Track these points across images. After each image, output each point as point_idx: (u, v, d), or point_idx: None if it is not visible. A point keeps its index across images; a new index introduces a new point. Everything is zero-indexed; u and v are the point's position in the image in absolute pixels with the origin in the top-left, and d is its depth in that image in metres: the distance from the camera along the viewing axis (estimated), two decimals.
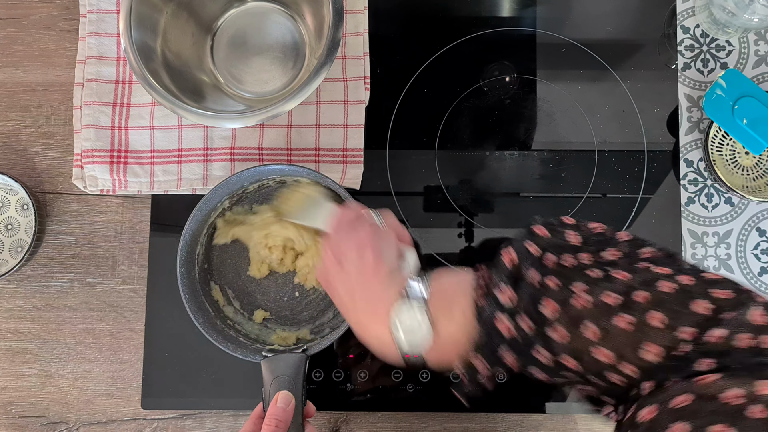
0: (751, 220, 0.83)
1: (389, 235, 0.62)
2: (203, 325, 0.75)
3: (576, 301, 0.47)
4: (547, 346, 0.48)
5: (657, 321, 0.45)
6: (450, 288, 0.54)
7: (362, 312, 0.56)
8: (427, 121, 0.86)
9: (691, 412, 0.41)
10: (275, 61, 0.86)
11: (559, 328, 0.47)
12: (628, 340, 0.45)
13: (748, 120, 0.77)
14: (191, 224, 0.77)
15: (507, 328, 0.49)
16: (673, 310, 0.45)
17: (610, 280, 0.47)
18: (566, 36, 0.86)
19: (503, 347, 0.50)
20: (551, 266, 0.50)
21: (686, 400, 0.42)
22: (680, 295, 0.45)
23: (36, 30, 0.89)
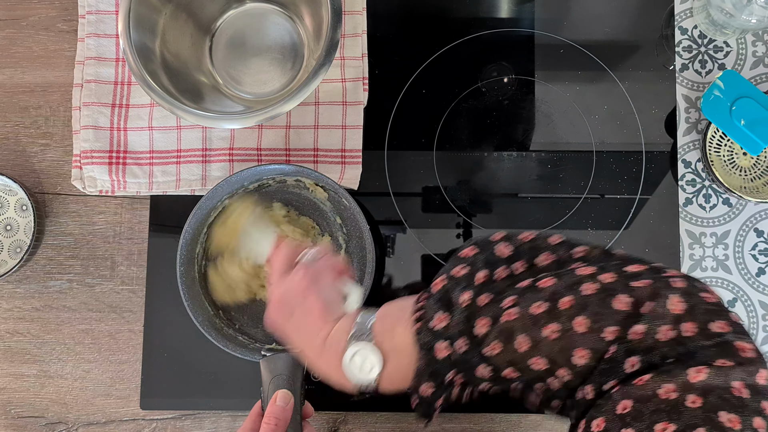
0: (749, 221, 0.83)
1: (327, 275, 0.62)
2: (202, 324, 0.76)
3: (506, 315, 0.48)
4: (486, 362, 0.49)
5: (581, 326, 0.45)
6: (392, 319, 0.55)
7: (315, 357, 0.58)
8: (425, 122, 0.86)
9: (634, 416, 0.42)
10: (274, 62, 0.86)
11: (492, 343, 0.48)
12: (557, 347, 0.46)
13: (746, 121, 0.77)
14: (191, 223, 0.77)
15: (444, 350, 0.50)
16: (595, 312, 0.46)
17: (536, 290, 0.48)
18: (564, 37, 0.86)
19: (446, 370, 0.51)
20: (481, 282, 0.51)
21: (627, 405, 0.43)
22: (602, 295, 0.46)
23: (35, 31, 0.89)
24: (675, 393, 0.42)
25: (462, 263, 0.53)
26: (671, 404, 0.41)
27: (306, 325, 0.59)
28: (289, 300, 0.61)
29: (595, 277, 0.47)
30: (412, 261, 0.84)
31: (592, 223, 0.84)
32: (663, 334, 0.44)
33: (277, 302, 0.62)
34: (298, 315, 0.60)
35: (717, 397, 0.41)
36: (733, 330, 0.44)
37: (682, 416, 0.41)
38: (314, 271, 0.62)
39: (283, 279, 0.63)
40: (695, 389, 0.41)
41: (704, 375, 0.42)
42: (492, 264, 0.52)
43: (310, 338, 0.58)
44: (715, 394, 0.41)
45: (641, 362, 0.44)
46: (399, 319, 0.54)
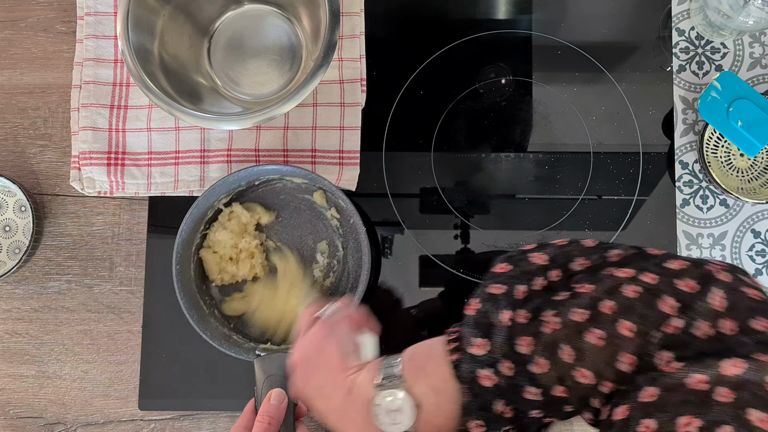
0: (746, 222, 0.83)
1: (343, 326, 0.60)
2: (197, 323, 0.76)
3: (547, 328, 0.46)
4: (534, 382, 0.46)
5: (626, 330, 0.43)
6: (422, 357, 0.51)
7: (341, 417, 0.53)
8: (423, 123, 0.86)
9: (659, 405, 0.40)
10: (272, 63, 0.86)
11: (538, 360, 0.45)
12: (602, 355, 0.44)
13: (743, 122, 0.77)
14: (188, 222, 0.77)
15: (488, 378, 0.47)
16: (640, 314, 0.44)
17: (576, 297, 0.46)
18: (562, 38, 0.87)
19: (494, 399, 0.48)
20: (521, 297, 0.49)
21: (654, 393, 0.41)
22: (646, 297, 0.44)
23: (34, 32, 0.89)
24: (706, 384, 0.39)
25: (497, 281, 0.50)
26: (699, 396, 0.39)
27: (326, 382, 0.55)
28: (308, 356, 0.58)
29: (636, 279, 0.45)
30: (409, 262, 0.84)
31: (589, 224, 0.84)
32: (701, 330, 0.42)
33: (299, 362, 0.59)
34: (318, 373, 0.56)
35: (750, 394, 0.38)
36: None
37: (710, 411, 0.38)
38: (331, 323, 0.60)
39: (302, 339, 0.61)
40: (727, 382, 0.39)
41: (740, 369, 0.39)
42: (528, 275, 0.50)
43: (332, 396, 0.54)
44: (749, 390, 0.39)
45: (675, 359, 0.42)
46: (430, 356, 0.51)
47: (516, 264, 0.51)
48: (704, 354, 0.42)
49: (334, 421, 0.54)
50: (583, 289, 0.46)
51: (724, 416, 0.38)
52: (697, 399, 0.39)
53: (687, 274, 0.45)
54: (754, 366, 0.40)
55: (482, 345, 0.48)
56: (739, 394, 0.38)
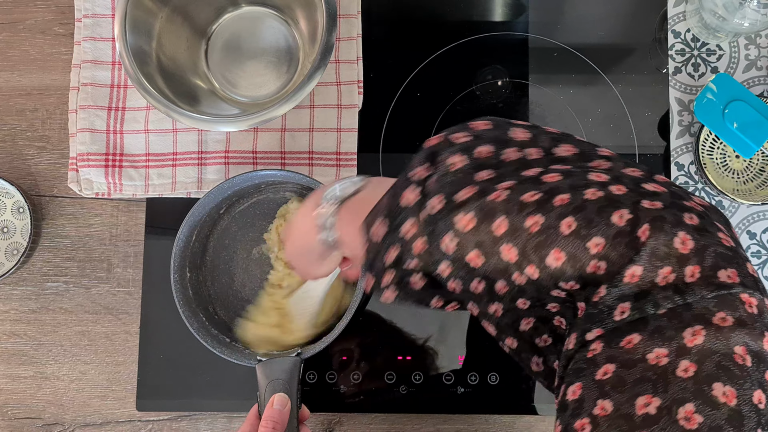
0: (741, 223, 0.84)
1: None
2: (197, 330, 0.76)
3: (494, 194, 0.43)
4: (454, 233, 0.43)
5: (567, 227, 0.40)
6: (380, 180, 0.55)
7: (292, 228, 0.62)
8: (420, 125, 0.86)
9: (615, 384, 0.37)
10: (269, 65, 0.87)
11: (468, 215, 0.43)
12: (534, 240, 0.41)
13: (739, 124, 0.78)
14: (184, 230, 0.77)
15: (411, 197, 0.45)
16: (588, 218, 0.40)
17: (537, 182, 0.43)
18: (558, 40, 0.87)
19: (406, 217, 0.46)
20: (483, 157, 0.46)
21: (609, 370, 0.38)
22: (603, 203, 0.40)
23: (32, 34, 0.89)
24: (666, 358, 0.37)
25: (467, 131, 0.47)
26: (659, 372, 0.36)
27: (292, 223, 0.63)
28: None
29: (605, 186, 0.42)
30: None
31: None
32: (662, 277, 0.38)
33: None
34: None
35: (714, 365, 0.36)
36: (742, 282, 0.38)
37: (670, 388, 0.36)
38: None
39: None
40: (690, 354, 0.36)
41: (702, 337, 0.36)
42: (501, 143, 0.46)
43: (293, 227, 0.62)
44: (713, 360, 0.36)
45: (631, 310, 0.39)
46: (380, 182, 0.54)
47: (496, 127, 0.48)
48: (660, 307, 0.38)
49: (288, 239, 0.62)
50: (549, 178, 0.43)
51: (685, 393, 0.36)
52: (656, 375, 0.36)
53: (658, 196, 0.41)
54: (717, 333, 0.37)
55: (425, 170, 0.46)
56: (701, 367, 0.36)
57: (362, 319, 0.81)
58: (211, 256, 0.83)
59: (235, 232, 0.83)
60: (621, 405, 0.37)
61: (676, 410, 0.35)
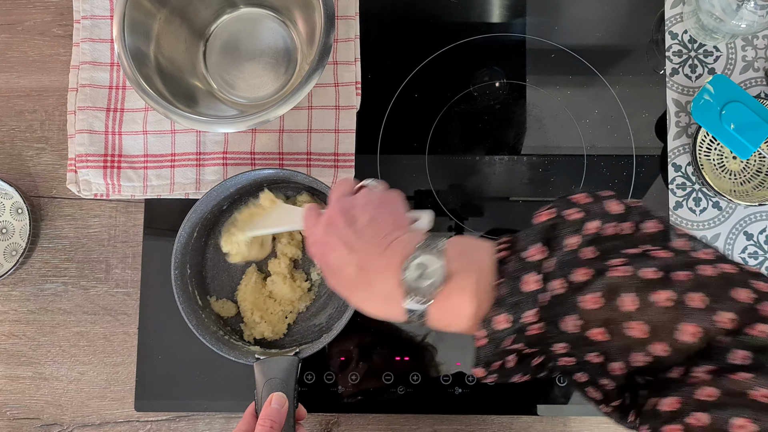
0: (738, 224, 0.84)
1: (395, 198, 0.58)
2: (196, 327, 0.76)
3: (614, 271, 0.43)
4: (578, 314, 0.44)
5: (697, 301, 0.42)
6: (469, 244, 0.50)
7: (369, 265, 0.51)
8: (417, 126, 0.86)
9: (716, 404, 0.39)
10: (267, 66, 0.87)
11: (592, 295, 0.43)
12: (665, 317, 0.42)
13: (736, 125, 0.78)
14: (185, 227, 0.78)
15: (535, 283, 0.44)
16: (713, 293, 0.42)
17: (648, 257, 0.44)
18: (555, 42, 0.87)
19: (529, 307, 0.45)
20: (591, 233, 0.47)
21: (713, 394, 0.40)
22: (722, 281, 0.43)
23: (30, 36, 0.89)
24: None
25: (575, 207, 0.48)
26: (761, 406, 0.38)
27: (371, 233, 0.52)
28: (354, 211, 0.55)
29: (714, 263, 0.44)
30: None
31: None
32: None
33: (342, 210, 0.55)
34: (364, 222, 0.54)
35: None
36: None
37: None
38: (381, 194, 0.58)
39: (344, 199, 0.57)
40: None
41: None
42: (604, 217, 0.47)
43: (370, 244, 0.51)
44: None
45: (752, 359, 0.41)
46: (477, 246, 0.49)
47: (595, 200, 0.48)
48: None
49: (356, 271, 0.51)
50: (659, 254, 0.45)
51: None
52: (758, 407, 0.38)
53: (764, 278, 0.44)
54: None
55: (540, 252, 0.45)
56: None
57: (360, 320, 0.81)
58: (212, 254, 0.83)
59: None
60: (717, 420, 0.38)
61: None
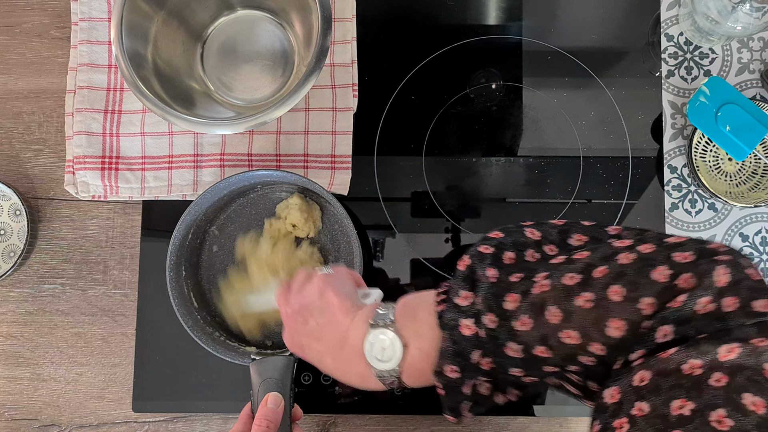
0: (734, 226, 0.84)
1: (343, 275, 0.62)
2: (192, 329, 0.76)
3: (536, 288, 0.46)
4: (515, 339, 0.47)
5: (616, 294, 0.43)
6: (413, 305, 0.54)
7: (337, 354, 0.56)
8: (414, 128, 0.87)
9: (652, 389, 0.40)
10: (264, 68, 0.87)
11: (522, 317, 0.46)
12: (590, 318, 0.44)
13: (731, 127, 0.78)
14: (180, 229, 0.78)
15: (468, 327, 0.48)
16: (631, 281, 0.43)
17: (570, 262, 0.47)
18: (552, 44, 0.87)
19: (472, 349, 0.49)
20: (510, 262, 0.50)
21: (646, 377, 0.41)
22: (639, 264, 0.44)
23: (28, 38, 0.90)
24: (700, 369, 0.39)
25: (488, 243, 0.51)
26: (693, 381, 0.39)
27: (324, 322, 0.57)
28: (306, 304, 0.59)
29: (633, 248, 0.45)
30: (401, 265, 0.85)
31: None
32: (702, 306, 0.42)
33: (295, 311, 0.60)
34: (316, 316, 0.58)
35: (745, 378, 0.38)
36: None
37: (703, 394, 0.38)
38: (330, 276, 0.61)
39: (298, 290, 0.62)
40: (723, 368, 0.39)
41: (736, 354, 0.39)
42: (520, 246, 0.51)
43: (330, 335, 0.56)
44: (744, 374, 0.38)
45: (674, 333, 0.42)
46: (420, 305, 0.53)
47: (509, 234, 0.52)
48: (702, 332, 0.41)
49: (330, 360, 0.57)
50: (580, 257, 0.47)
51: (717, 400, 0.38)
52: (690, 383, 0.39)
53: (684, 246, 0.45)
54: (750, 350, 0.39)
55: (467, 297, 0.49)
56: (733, 379, 0.38)
57: None
58: (207, 255, 0.83)
59: (231, 230, 0.83)
60: (657, 406, 0.39)
61: (708, 413, 0.38)
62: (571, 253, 0.48)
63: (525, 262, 0.50)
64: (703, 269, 0.42)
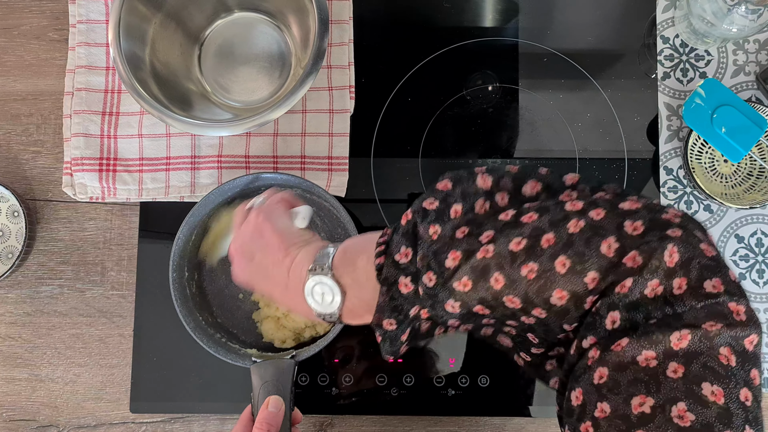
0: (729, 227, 0.84)
1: (274, 207, 0.62)
2: (194, 330, 0.76)
3: (480, 253, 0.44)
4: (455, 297, 0.46)
5: (562, 266, 0.42)
6: (353, 252, 0.53)
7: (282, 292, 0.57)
8: (411, 130, 0.87)
9: (611, 387, 0.39)
10: (262, 70, 0.87)
11: (464, 279, 0.45)
12: (535, 287, 0.43)
13: (727, 128, 0.78)
14: (184, 230, 0.78)
15: (406, 286, 0.48)
16: (579, 252, 0.41)
17: (517, 225, 0.44)
18: (548, 46, 0.88)
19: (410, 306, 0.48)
20: (455, 215, 0.48)
21: (604, 374, 0.40)
22: (588, 233, 0.42)
23: (26, 40, 0.90)
24: (655, 360, 0.38)
25: (434, 196, 0.49)
26: (650, 374, 0.38)
27: (268, 262, 0.58)
28: (247, 243, 0.60)
29: (584, 212, 0.43)
30: None
31: None
32: (651, 289, 0.40)
33: (238, 252, 0.61)
34: (259, 254, 0.59)
35: (701, 366, 0.38)
36: (727, 290, 0.40)
37: (662, 388, 0.38)
38: (265, 208, 0.62)
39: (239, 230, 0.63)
40: (677, 356, 0.38)
41: (687, 341, 0.38)
42: (468, 196, 0.48)
43: (274, 274, 0.57)
44: (699, 361, 0.38)
45: (622, 320, 0.40)
46: (360, 252, 0.52)
47: (458, 183, 0.49)
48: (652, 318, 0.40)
49: (278, 297, 0.58)
50: (528, 219, 0.44)
51: (676, 392, 0.37)
52: (648, 376, 0.38)
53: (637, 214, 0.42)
54: (701, 335, 0.38)
55: (407, 254, 0.48)
56: (689, 368, 0.38)
57: None
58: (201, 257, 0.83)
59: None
60: (618, 406, 0.39)
61: (669, 409, 0.37)
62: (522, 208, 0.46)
63: (474, 214, 0.48)
64: (653, 247, 0.40)
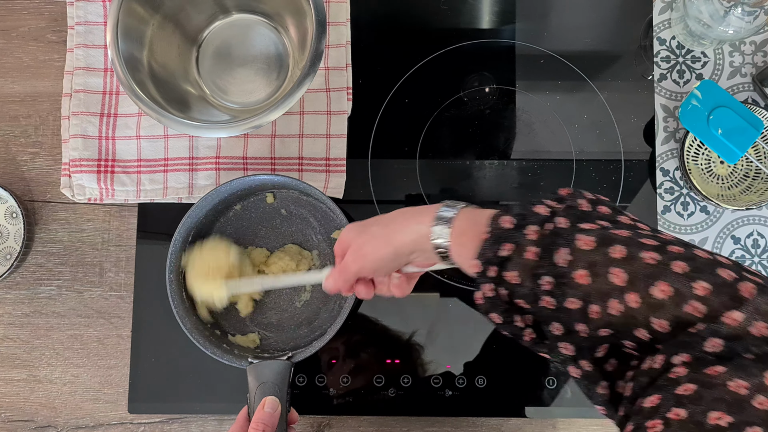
0: (726, 228, 0.84)
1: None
2: (190, 331, 0.76)
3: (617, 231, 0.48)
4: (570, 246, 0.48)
5: (678, 267, 0.45)
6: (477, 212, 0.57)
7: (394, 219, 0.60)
8: (408, 131, 0.87)
9: (693, 398, 0.41)
10: (259, 72, 0.88)
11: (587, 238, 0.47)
12: (646, 271, 0.45)
13: (723, 130, 0.78)
14: (181, 232, 0.78)
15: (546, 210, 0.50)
16: (698, 268, 0.45)
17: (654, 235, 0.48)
18: (545, 47, 0.88)
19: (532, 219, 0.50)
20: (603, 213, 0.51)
21: (690, 388, 0.42)
22: (711, 261, 0.45)
23: (25, 42, 0.90)
24: (746, 390, 0.40)
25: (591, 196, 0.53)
26: (736, 398, 0.40)
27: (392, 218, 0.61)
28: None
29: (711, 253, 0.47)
30: None
31: None
32: (757, 329, 0.42)
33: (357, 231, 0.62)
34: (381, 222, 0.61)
35: None
36: None
37: (744, 412, 0.39)
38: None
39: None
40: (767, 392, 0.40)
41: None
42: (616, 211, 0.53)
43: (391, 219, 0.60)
44: None
45: (724, 347, 0.43)
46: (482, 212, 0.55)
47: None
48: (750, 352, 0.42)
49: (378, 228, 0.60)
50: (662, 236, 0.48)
51: (755, 419, 0.39)
52: (734, 399, 0.40)
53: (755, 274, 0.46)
54: None
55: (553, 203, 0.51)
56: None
57: (351, 323, 0.82)
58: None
59: (230, 234, 0.84)
60: (695, 414, 0.40)
61: (744, 428, 0.39)
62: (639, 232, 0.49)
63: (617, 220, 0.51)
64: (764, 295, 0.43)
